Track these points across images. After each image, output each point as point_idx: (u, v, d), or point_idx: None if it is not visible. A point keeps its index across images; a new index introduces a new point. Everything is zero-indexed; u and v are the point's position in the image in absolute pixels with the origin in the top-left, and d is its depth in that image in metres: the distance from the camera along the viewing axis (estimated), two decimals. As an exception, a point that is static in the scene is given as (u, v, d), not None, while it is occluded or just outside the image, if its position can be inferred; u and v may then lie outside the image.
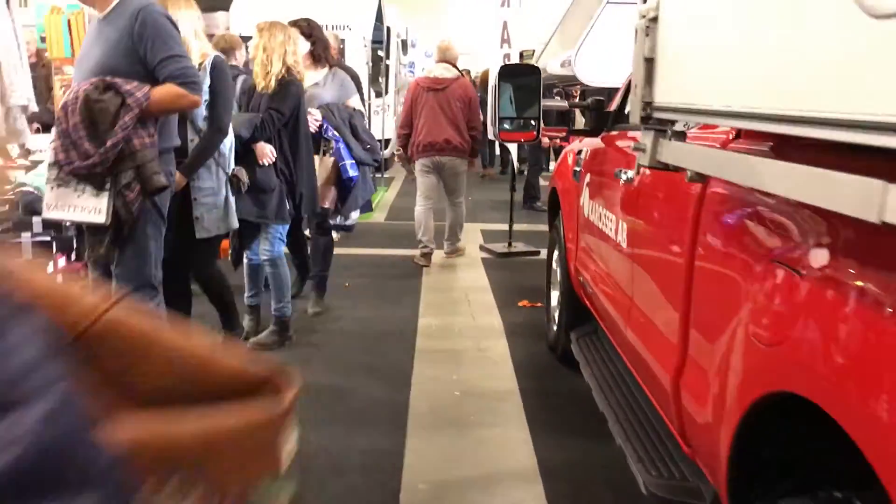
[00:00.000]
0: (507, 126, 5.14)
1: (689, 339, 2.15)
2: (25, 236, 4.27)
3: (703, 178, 1.69)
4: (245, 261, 4.56)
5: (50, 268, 4.15)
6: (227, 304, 4.08)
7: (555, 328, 4.36)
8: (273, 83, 4.18)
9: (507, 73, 5.24)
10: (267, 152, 4.19)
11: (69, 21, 6.96)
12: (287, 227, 4.48)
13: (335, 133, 4.81)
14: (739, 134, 1.98)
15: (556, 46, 8.37)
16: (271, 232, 4.35)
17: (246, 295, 4.62)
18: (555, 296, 4.48)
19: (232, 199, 3.75)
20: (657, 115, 1.83)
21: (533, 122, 4.96)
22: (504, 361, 4.34)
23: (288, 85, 4.22)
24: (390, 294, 5.76)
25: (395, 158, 9.60)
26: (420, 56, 19.15)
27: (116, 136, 2.75)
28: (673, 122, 1.82)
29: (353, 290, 5.84)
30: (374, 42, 11.52)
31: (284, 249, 4.55)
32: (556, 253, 4.47)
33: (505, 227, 7.54)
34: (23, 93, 4.99)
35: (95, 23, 3.07)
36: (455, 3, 25.27)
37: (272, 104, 4.20)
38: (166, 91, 2.88)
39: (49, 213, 2.92)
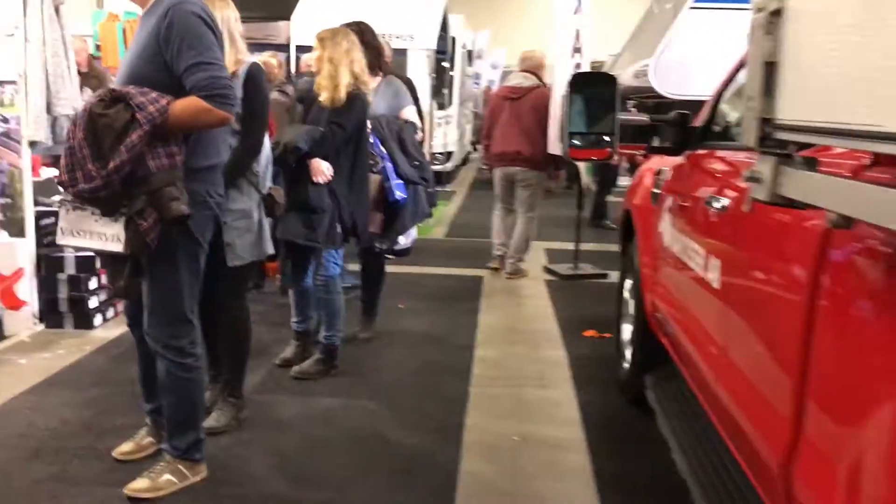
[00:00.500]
0: (576, 142, 4.68)
1: (806, 414, 1.72)
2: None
3: (849, 224, 1.27)
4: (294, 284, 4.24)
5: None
6: (240, 360, 3.50)
7: (626, 365, 3.92)
8: (344, 96, 3.83)
9: (579, 82, 4.80)
10: (323, 169, 3.83)
11: (124, 29, 6.85)
12: (341, 250, 4.15)
13: (382, 148, 4.35)
14: (878, 160, 1.55)
15: (630, 56, 7.90)
16: (324, 254, 4.03)
17: (293, 320, 4.31)
18: (626, 329, 4.04)
19: (266, 222, 3.40)
20: (780, 135, 1.41)
21: (607, 138, 4.51)
22: (568, 402, 3.91)
23: (354, 99, 3.87)
24: (446, 319, 5.39)
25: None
26: (486, 67, 18.78)
27: (120, 158, 2.42)
28: (802, 146, 1.40)
29: (407, 313, 5.49)
30: (438, 52, 11.22)
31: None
32: (628, 281, 4.04)
33: (570, 246, 7.10)
34: (69, 102, 4.79)
35: (139, 23, 2.76)
36: (524, 13, 24.94)
37: (335, 118, 3.85)
38: (188, 105, 2.50)
39: (63, 240, 2.61)
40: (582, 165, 7.06)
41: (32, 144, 4.65)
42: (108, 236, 2.54)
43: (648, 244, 3.46)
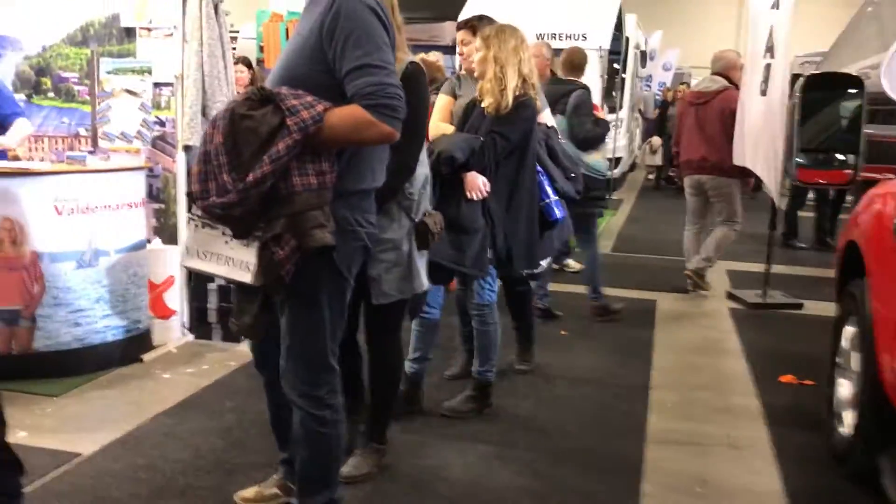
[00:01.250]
0: (802, 160, 3.84)
1: None
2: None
3: None
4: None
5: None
6: (389, 403, 3.07)
7: (842, 431, 3.19)
8: (511, 101, 3.34)
9: (816, 86, 3.92)
10: (479, 184, 3.33)
11: (287, 29, 6.69)
12: (495, 276, 3.67)
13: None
14: None
15: (845, 56, 6.88)
16: (479, 282, 3.56)
17: (410, 357, 3.59)
18: (844, 385, 3.30)
19: (418, 255, 2.93)
20: None
21: (841, 157, 3.69)
22: (767, 472, 3.23)
23: (521, 106, 3.37)
24: (615, 350, 4.78)
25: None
26: (658, 69, 17.75)
27: (261, 169, 2.01)
28: None
29: (570, 341, 4.93)
30: (610, 53, 10.53)
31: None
32: (850, 328, 3.29)
33: (756, 268, 6.28)
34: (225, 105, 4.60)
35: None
36: (702, 13, 23.55)
37: (498, 127, 3.36)
38: (348, 115, 2.06)
39: (188, 261, 2.26)
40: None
41: (187, 149, 4.48)
42: (237, 262, 2.16)
43: (890, 292, 2.73)
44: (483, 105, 3.41)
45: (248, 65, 6.15)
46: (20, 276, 3.85)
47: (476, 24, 3.78)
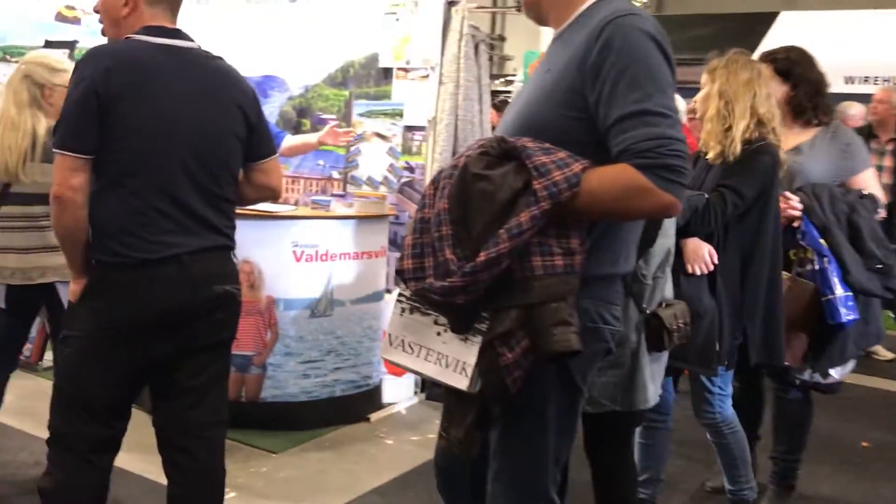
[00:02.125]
0: None
1: None
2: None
3: None
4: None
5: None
6: None
7: None
8: (738, 148, 2.61)
9: None
10: (704, 255, 2.60)
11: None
12: (729, 374, 2.85)
13: (819, 240, 2.82)
14: None
15: None
16: (705, 383, 2.79)
17: (639, 478, 2.70)
18: None
19: (649, 358, 2.30)
20: None
21: None
22: None
23: (756, 152, 2.61)
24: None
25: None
26: None
27: (497, 247, 1.51)
28: None
29: (871, 456, 3.91)
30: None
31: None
32: None
33: None
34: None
35: (546, 51, 1.87)
36: None
37: (726, 180, 2.62)
38: (614, 178, 1.53)
39: (389, 353, 1.80)
40: None
41: (434, 196, 4.19)
42: (451, 361, 1.66)
43: None
44: (706, 155, 2.70)
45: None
46: (255, 321, 3.73)
47: (780, 58, 3.06)
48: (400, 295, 1.77)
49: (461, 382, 1.63)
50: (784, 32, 7.77)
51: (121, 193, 2.03)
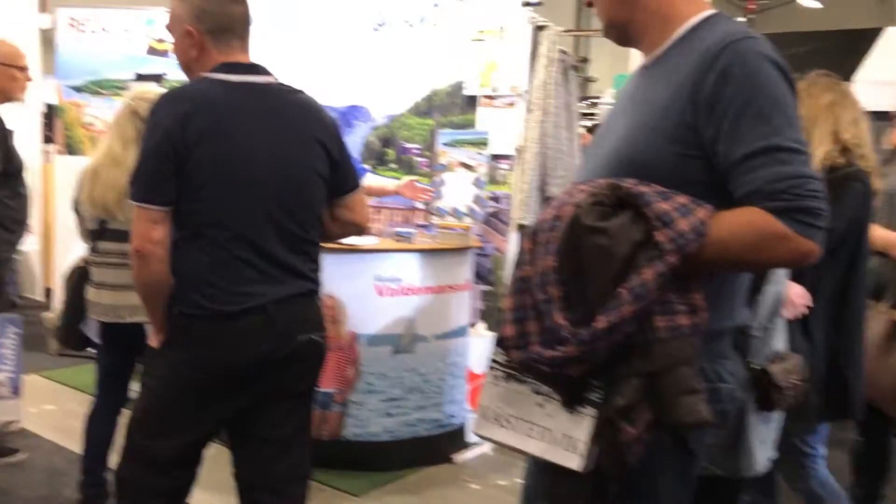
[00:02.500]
0: None
1: None
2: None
3: None
4: None
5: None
6: None
7: None
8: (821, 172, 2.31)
9: None
10: (795, 297, 2.31)
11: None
12: (823, 433, 2.57)
13: None
14: None
15: None
16: (799, 444, 2.51)
17: None
18: None
19: (758, 418, 2.05)
20: None
21: None
22: None
23: (843, 182, 2.35)
24: None
25: None
26: None
27: (619, 310, 1.31)
28: None
29: None
30: None
31: None
32: None
33: None
34: (566, 181, 4.10)
35: (633, 78, 1.65)
36: None
37: None
38: (745, 223, 1.34)
39: (484, 430, 1.56)
40: None
41: (521, 228, 4.03)
42: (557, 437, 1.44)
43: None
44: None
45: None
46: (337, 357, 3.63)
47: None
48: (492, 361, 1.59)
49: (572, 461, 1.42)
50: (889, 50, 7.33)
51: (202, 244, 1.94)
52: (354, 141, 4.58)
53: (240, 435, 2.14)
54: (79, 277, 3.03)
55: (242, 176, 1.95)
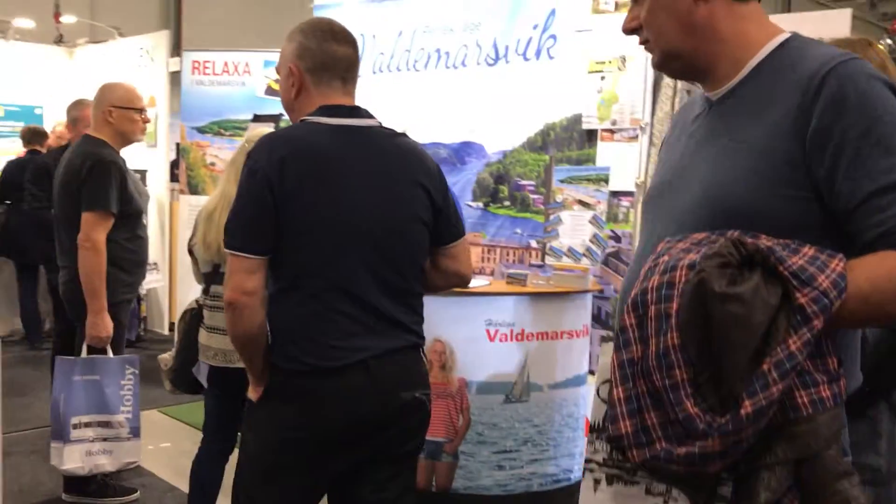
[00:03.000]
0: None
1: None
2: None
3: None
4: None
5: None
6: None
7: None
8: None
9: None
10: None
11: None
12: None
13: None
14: None
15: None
16: None
17: None
18: None
19: None
20: None
21: None
22: None
23: None
24: None
25: None
26: None
27: (769, 390, 1.09)
28: None
29: None
30: None
31: None
32: None
33: None
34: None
35: (689, 113, 1.46)
36: None
37: None
38: (887, 271, 1.15)
39: None
40: None
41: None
42: None
43: None
44: None
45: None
46: (446, 404, 3.47)
47: None
48: (588, 462, 1.38)
49: None
50: None
51: (299, 296, 1.84)
52: (467, 178, 4.46)
53: (341, 498, 2.02)
54: (191, 319, 3.02)
55: (341, 225, 1.84)
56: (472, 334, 3.45)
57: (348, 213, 1.84)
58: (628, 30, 1.43)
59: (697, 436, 1.11)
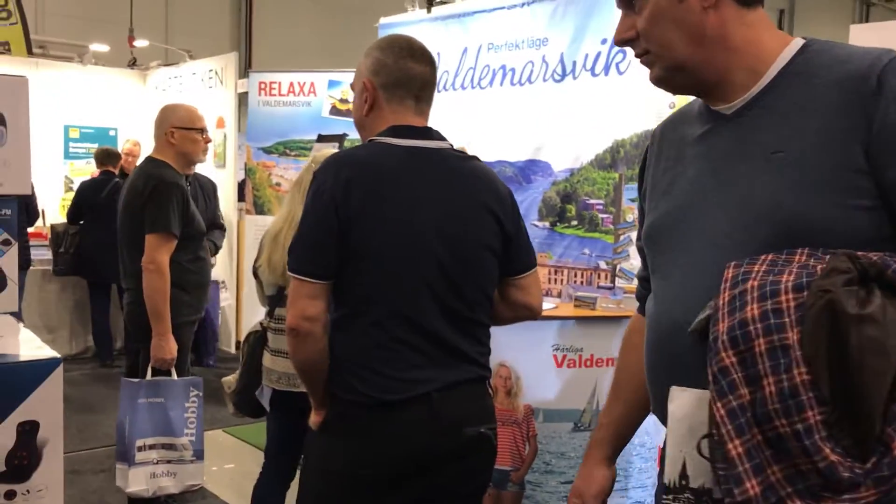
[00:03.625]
0: None
1: None
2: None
3: None
4: None
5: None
6: None
7: None
8: None
9: None
10: None
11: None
12: None
13: None
14: None
15: None
16: None
17: None
18: None
19: None
20: None
21: None
22: None
23: None
24: None
25: None
26: None
27: None
28: None
29: None
30: None
31: None
32: None
33: None
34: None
35: (696, 128, 1.32)
36: None
37: None
38: None
39: None
40: None
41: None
42: None
43: None
44: None
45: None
46: (512, 432, 3.36)
47: None
48: None
49: None
50: None
51: (361, 324, 1.77)
52: (534, 197, 4.36)
53: None
54: (255, 342, 2.99)
55: (406, 250, 1.76)
56: (538, 359, 3.34)
57: (414, 237, 1.77)
58: (621, 41, 1.33)
59: (843, 487, 0.97)
